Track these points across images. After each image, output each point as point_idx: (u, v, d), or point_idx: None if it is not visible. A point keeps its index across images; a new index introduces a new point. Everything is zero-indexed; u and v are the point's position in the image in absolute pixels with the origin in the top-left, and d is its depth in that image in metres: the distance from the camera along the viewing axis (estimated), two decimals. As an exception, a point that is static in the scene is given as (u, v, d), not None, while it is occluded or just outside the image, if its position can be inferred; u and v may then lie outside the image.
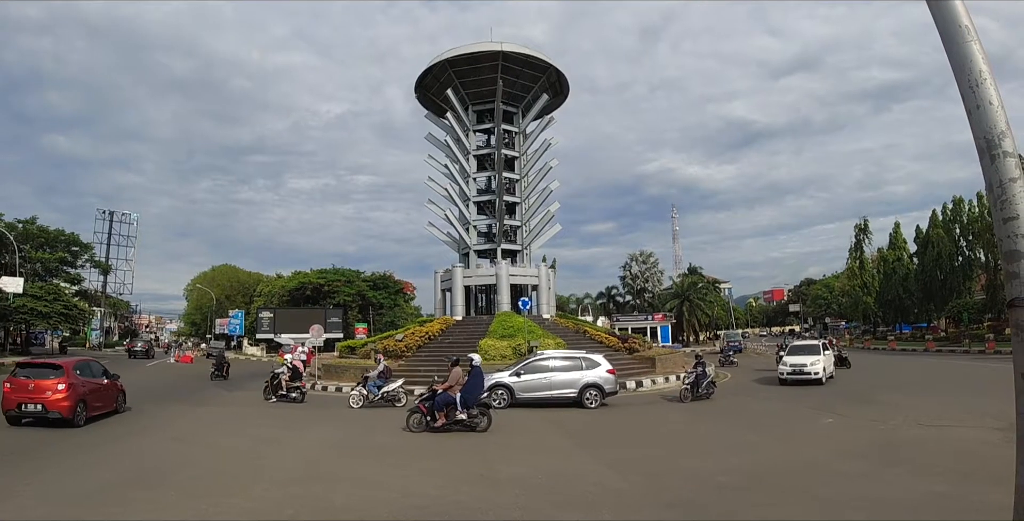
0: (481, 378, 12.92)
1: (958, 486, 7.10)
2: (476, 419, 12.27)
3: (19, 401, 12.10)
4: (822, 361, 20.65)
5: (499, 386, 17.01)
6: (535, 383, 17.07)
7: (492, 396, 16.64)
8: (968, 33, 2.50)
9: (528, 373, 17.30)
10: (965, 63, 2.49)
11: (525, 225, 35.78)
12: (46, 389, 12.15)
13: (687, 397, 17.00)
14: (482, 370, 13.24)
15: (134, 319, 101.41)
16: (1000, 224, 2.33)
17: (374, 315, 60.59)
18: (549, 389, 16.99)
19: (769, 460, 9.16)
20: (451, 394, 12.30)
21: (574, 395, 16.76)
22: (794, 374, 20.38)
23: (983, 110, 2.40)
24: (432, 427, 12.13)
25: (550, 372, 17.22)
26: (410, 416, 12.56)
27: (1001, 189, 2.33)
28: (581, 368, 17.18)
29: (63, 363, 13.22)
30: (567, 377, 17.01)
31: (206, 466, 8.98)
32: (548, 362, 17.71)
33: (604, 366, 17.28)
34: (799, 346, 23.10)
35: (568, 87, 37.17)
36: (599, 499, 7.10)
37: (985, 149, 2.38)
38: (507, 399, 16.86)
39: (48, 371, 12.67)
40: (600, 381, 16.88)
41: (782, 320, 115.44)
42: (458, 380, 12.53)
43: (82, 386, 12.92)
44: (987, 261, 45.93)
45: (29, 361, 15.04)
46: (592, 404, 16.54)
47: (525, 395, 16.96)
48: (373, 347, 27.52)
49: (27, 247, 44.59)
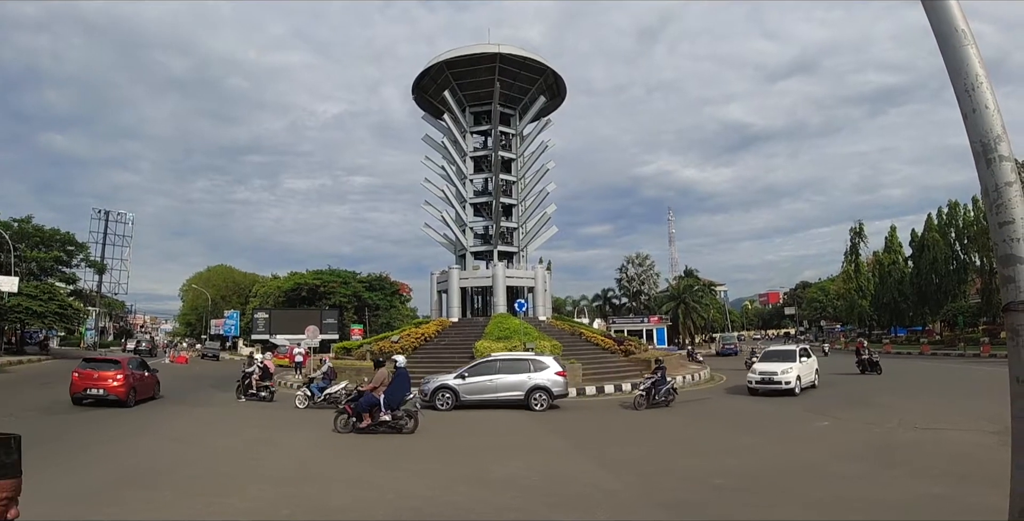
0: (406, 380, 12.84)
1: (954, 488, 7.12)
2: (401, 421, 12.23)
3: (85, 386, 15.83)
4: (795, 369, 18.58)
5: (444, 388, 17.09)
6: (480, 385, 17.03)
7: (437, 398, 16.89)
8: (964, 37, 2.51)
9: (474, 375, 17.28)
10: (961, 67, 2.50)
11: (521, 227, 35.77)
12: (108, 378, 15.98)
13: (641, 404, 16.05)
14: (407, 372, 13.19)
15: (129, 319, 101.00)
16: (995, 228, 2.33)
17: (370, 316, 60.48)
18: (495, 391, 16.93)
19: (764, 462, 9.15)
20: (375, 395, 12.27)
21: (521, 397, 16.68)
22: (763, 383, 18.40)
23: (979, 114, 2.41)
24: (358, 428, 12.14)
25: (496, 374, 17.14)
26: (337, 417, 12.63)
27: (997, 193, 2.33)
28: (528, 370, 17.04)
29: (121, 359, 17.28)
30: (513, 379, 16.92)
31: (203, 466, 8.95)
32: (495, 364, 17.66)
33: (553, 368, 17.10)
34: (773, 351, 21.11)
35: (565, 89, 37.20)
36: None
37: (981, 153, 2.39)
38: (452, 401, 16.85)
39: (109, 365, 16.57)
40: (548, 383, 16.71)
41: (777, 323, 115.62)
42: (382, 381, 12.54)
43: (133, 377, 16.61)
44: (982, 265, 46.11)
45: (93, 357, 18.80)
46: (539, 407, 16.42)
47: (470, 397, 16.92)
48: (369, 348, 27.50)
49: (22, 246, 44.35)
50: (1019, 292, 2.24)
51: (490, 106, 34.48)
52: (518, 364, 17.48)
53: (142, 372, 17.65)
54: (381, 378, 12.58)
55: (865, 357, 24.93)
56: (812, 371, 20.05)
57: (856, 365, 25.12)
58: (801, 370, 18.82)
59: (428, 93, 36.29)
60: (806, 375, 19.24)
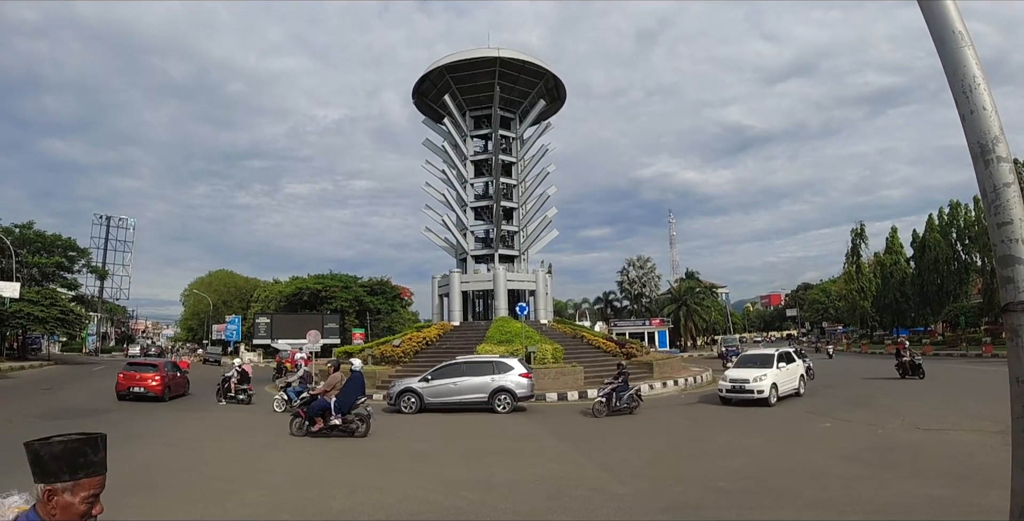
0: (359, 384, 12.86)
1: (955, 489, 7.11)
2: (352, 424, 12.25)
3: (129, 385, 18.92)
4: (771, 377, 16.64)
5: (408, 391, 17.15)
6: (444, 388, 17.05)
7: (402, 402, 16.97)
8: (962, 39, 2.52)
9: (438, 378, 17.31)
10: (959, 68, 2.51)
11: (522, 230, 35.78)
12: (147, 379, 19.12)
13: (600, 412, 15.28)
14: (361, 376, 13.23)
15: (131, 325, 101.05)
16: (994, 229, 2.34)
17: (371, 320, 60.43)
18: (459, 394, 16.94)
19: (767, 463, 9.15)
20: (326, 399, 12.33)
21: (484, 400, 16.66)
22: (734, 391, 16.63)
23: (977, 115, 2.42)
24: (311, 432, 12.19)
25: (460, 377, 17.16)
26: (292, 420, 12.68)
27: (995, 194, 2.34)
28: (492, 372, 17.04)
29: (158, 363, 21.24)
30: (477, 382, 16.92)
31: (201, 471, 8.95)
32: (459, 367, 17.70)
33: (517, 370, 17.07)
34: (750, 356, 19.11)
35: (565, 93, 37.26)
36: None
37: (979, 154, 2.39)
38: (417, 405, 16.89)
39: (149, 368, 20.00)
40: (512, 386, 16.68)
41: (779, 325, 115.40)
42: (334, 385, 12.59)
43: (168, 378, 19.69)
44: (984, 265, 46.03)
45: (136, 361, 22.64)
46: (503, 409, 16.41)
47: (434, 400, 16.95)
48: (370, 353, 27.47)
49: (24, 252, 44.40)
50: (1018, 292, 2.25)
51: (490, 110, 34.53)
52: (481, 366, 17.51)
53: (174, 373, 20.76)
54: (334, 382, 12.67)
55: (906, 359, 22.39)
56: (795, 378, 18.22)
57: (896, 368, 22.73)
58: (779, 377, 17.02)
59: (428, 97, 36.34)
60: (785, 382, 17.41)
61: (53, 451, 1.60)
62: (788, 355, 18.70)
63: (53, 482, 1.60)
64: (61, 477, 1.60)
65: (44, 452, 1.61)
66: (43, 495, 1.61)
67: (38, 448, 1.61)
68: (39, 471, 1.61)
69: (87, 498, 1.63)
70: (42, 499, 1.60)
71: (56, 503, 1.59)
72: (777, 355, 17.88)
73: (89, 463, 1.65)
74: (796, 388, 18.09)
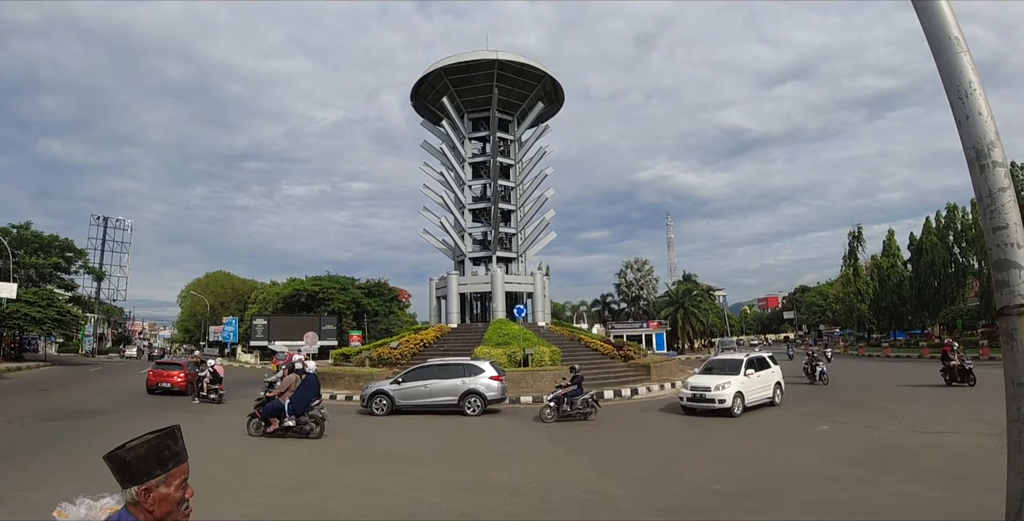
0: (313, 386, 12.90)
1: (952, 491, 7.14)
2: (307, 426, 12.32)
3: (157, 381, 22.13)
4: (735, 385, 15.18)
5: (380, 393, 17.17)
6: (415, 391, 17.07)
7: (373, 404, 17.04)
8: (958, 44, 2.54)
9: (409, 381, 17.32)
10: (955, 74, 2.53)
11: (520, 233, 35.79)
12: (173, 376, 22.28)
13: (549, 417, 14.81)
14: (316, 378, 13.30)
15: (127, 326, 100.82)
16: (990, 233, 2.36)
17: (369, 322, 60.37)
18: (429, 396, 16.93)
19: (765, 467, 9.16)
20: (281, 401, 12.43)
21: (454, 402, 16.64)
22: (694, 400, 15.26)
23: (972, 120, 2.43)
24: (267, 432, 12.27)
25: (431, 379, 17.16)
26: (249, 421, 12.78)
27: (991, 199, 2.35)
28: (462, 375, 17.00)
29: (182, 362, 24.98)
30: (447, 384, 16.90)
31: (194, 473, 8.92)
32: (431, 369, 17.71)
33: (488, 372, 17.00)
34: (718, 361, 17.57)
35: (563, 95, 37.32)
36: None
37: (975, 159, 2.41)
38: (388, 407, 16.92)
39: (174, 366, 23.38)
40: (482, 388, 16.61)
41: (776, 327, 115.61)
42: (289, 387, 12.65)
43: (191, 375, 22.21)
44: (981, 268, 46.14)
45: (163, 361, 26.03)
46: (473, 411, 16.34)
47: (405, 402, 16.97)
48: (367, 355, 27.46)
49: (21, 252, 44.32)
50: (1013, 296, 2.27)
51: (488, 112, 34.58)
52: (452, 369, 17.45)
53: (195, 371, 22.41)
54: (288, 384, 12.74)
55: (954, 363, 20.21)
56: (769, 386, 16.68)
57: (941, 374, 20.68)
58: (747, 385, 15.64)
59: (427, 100, 36.37)
60: (755, 391, 15.99)
61: (139, 453, 1.70)
62: (761, 361, 17.15)
63: (147, 481, 1.71)
64: (153, 474, 1.72)
65: (130, 457, 1.70)
66: (139, 495, 1.70)
67: (123, 455, 1.70)
68: (129, 476, 1.71)
69: (180, 485, 1.77)
70: (139, 499, 1.70)
71: (153, 498, 1.70)
72: (747, 361, 16.42)
73: (174, 454, 1.78)
74: (770, 397, 16.58)
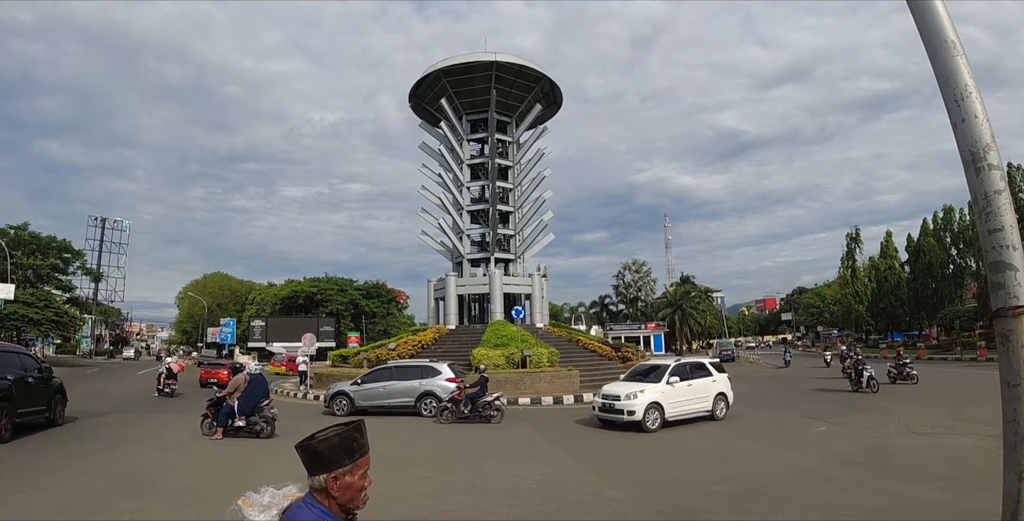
0: (260, 386, 13.02)
1: (950, 492, 7.15)
2: (257, 426, 12.46)
3: (207, 377, 27.67)
4: (650, 394, 13.32)
5: (340, 394, 17.44)
6: (373, 392, 17.24)
7: (334, 404, 17.35)
8: (954, 48, 2.55)
9: (369, 382, 17.46)
10: (951, 77, 2.54)
11: (518, 234, 35.80)
12: (220, 373, 26.89)
13: (447, 418, 14.80)
14: (263, 378, 13.52)
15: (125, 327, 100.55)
16: (986, 235, 2.37)
17: (367, 324, 60.35)
18: (388, 397, 17.07)
19: (762, 468, 9.16)
20: (230, 402, 12.55)
21: (411, 404, 16.71)
22: (604, 410, 13.64)
23: (968, 123, 2.44)
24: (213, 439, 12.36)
25: (389, 381, 17.28)
26: (202, 421, 12.89)
27: (986, 201, 2.36)
28: (419, 376, 17.05)
29: (226, 363, 29.46)
30: (404, 386, 16.99)
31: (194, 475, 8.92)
32: (389, 370, 17.89)
33: (445, 375, 16.97)
34: (643, 367, 15.56)
35: (561, 97, 37.37)
36: None
37: (970, 162, 2.42)
38: (348, 407, 17.14)
39: (220, 366, 28.78)
40: (438, 390, 16.55)
41: (774, 329, 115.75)
42: (236, 387, 12.73)
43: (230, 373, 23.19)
44: (978, 269, 46.22)
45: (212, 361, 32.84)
46: (429, 413, 16.35)
47: (365, 403, 17.17)
48: (365, 356, 27.44)
49: (18, 253, 44.27)
50: (1009, 298, 2.28)
51: (487, 114, 34.61)
52: (409, 371, 17.59)
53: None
54: (235, 385, 12.81)
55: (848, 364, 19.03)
56: (707, 397, 14.52)
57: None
58: (669, 395, 13.64)
59: (425, 101, 36.40)
60: (683, 403, 13.94)
61: (332, 444, 1.87)
62: (697, 368, 14.98)
63: (336, 469, 1.87)
64: (343, 463, 1.88)
65: (323, 447, 1.87)
66: (328, 482, 1.87)
67: (316, 446, 1.87)
68: (320, 464, 1.87)
69: (363, 474, 1.94)
70: (327, 485, 1.87)
71: (340, 485, 1.87)
72: (673, 367, 14.36)
73: (360, 445, 1.95)
74: (707, 411, 14.44)
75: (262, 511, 1.90)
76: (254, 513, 1.90)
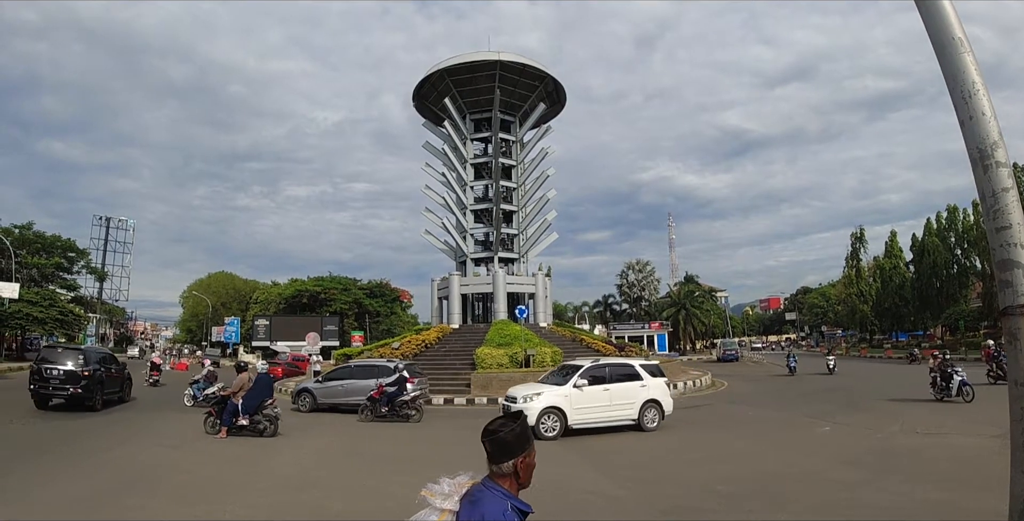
0: (265, 386, 13.06)
1: (955, 493, 7.12)
2: (259, 425, 12.50)
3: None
4: (548, 398, 12.32)
5: (304, 391, 18.06)
6: (333, 390, 17.77)
7: (299, 401, 17.96)
8: (961, 45, 2.54)
9: (330, 380, 17.99)
10: (958, 75, 2.52)
11: (522, 233, 35.76)
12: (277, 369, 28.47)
13: (367, 416, 15.14)
14: (268, 378, 13.67)
15: (129, 326, 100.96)
16: (993, 233, 2.36)
17: (370, 323, 60.39)
18: (345, 395, 17.47)
19: (766, 468, 9.14)
20: (234, 401, 12.59)
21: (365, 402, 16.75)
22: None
23: (976, 121, 2.43)
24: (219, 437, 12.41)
25: (348, 380, 17.72)
26: (206, 420, 13.01)
27: (994, 199, 2.35)
28: (376, 376, 17.17)
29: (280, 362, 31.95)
30: (362, 384, 17.23)
31: (198, 472, 8.94)
32: (349, 369, 18.40)
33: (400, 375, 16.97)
34: (563, 367, 14.68)
35: (565, 96, 37.27)
36: None
37: (978, 160, 2.41)
38: (310, 404, 17.72)
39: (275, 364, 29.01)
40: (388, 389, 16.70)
41: (779, 329, 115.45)
42: (241, 386, 12.77)
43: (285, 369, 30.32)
44: (983, 269, 46.08)
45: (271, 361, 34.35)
46: None
47: (325, 401, 17.66)
48: (369, 355, 27.45)
49: (23, 252, 44.44)
50: (1017, 296, 2.27)
51: (490, 113, 34.56)
52: (367, 370, 17.95)
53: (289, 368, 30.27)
54: (240, 383, 12.84)
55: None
56: (633, 404, 13.06)
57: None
58: (576, 401, 12.48)
59: (428, 100, 36.37)
60: (596, 409, 12.73)
61: (516, 432, 2.09)
62: (621, 370, 13.62)
63: (521, 454, 2.08)
64: (526, 448, 2.10)
65: (510, 437, 2.08)
66: (516, 466, 2.07)
67: (506, 437, 2.08)
68: (509, 451, 2.07)
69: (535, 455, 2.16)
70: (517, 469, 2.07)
71: (525, 466, 2.09)
72: (585, 369, 13.15)
73: (530, 434, 2.18)
74: (632, 419, 13.04)
75: (445, 499, 2.06)
76: (438, 501, 2.06)
